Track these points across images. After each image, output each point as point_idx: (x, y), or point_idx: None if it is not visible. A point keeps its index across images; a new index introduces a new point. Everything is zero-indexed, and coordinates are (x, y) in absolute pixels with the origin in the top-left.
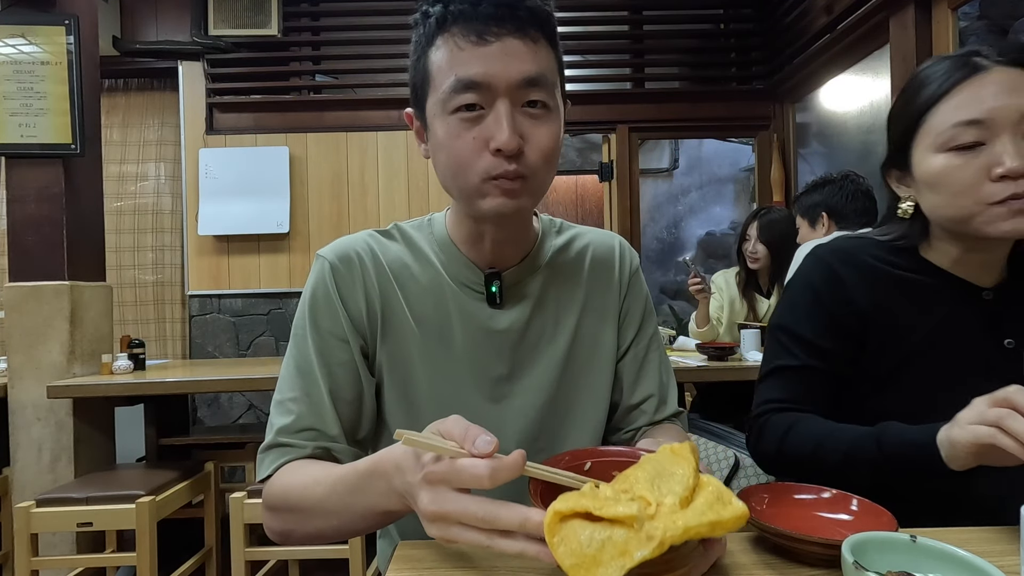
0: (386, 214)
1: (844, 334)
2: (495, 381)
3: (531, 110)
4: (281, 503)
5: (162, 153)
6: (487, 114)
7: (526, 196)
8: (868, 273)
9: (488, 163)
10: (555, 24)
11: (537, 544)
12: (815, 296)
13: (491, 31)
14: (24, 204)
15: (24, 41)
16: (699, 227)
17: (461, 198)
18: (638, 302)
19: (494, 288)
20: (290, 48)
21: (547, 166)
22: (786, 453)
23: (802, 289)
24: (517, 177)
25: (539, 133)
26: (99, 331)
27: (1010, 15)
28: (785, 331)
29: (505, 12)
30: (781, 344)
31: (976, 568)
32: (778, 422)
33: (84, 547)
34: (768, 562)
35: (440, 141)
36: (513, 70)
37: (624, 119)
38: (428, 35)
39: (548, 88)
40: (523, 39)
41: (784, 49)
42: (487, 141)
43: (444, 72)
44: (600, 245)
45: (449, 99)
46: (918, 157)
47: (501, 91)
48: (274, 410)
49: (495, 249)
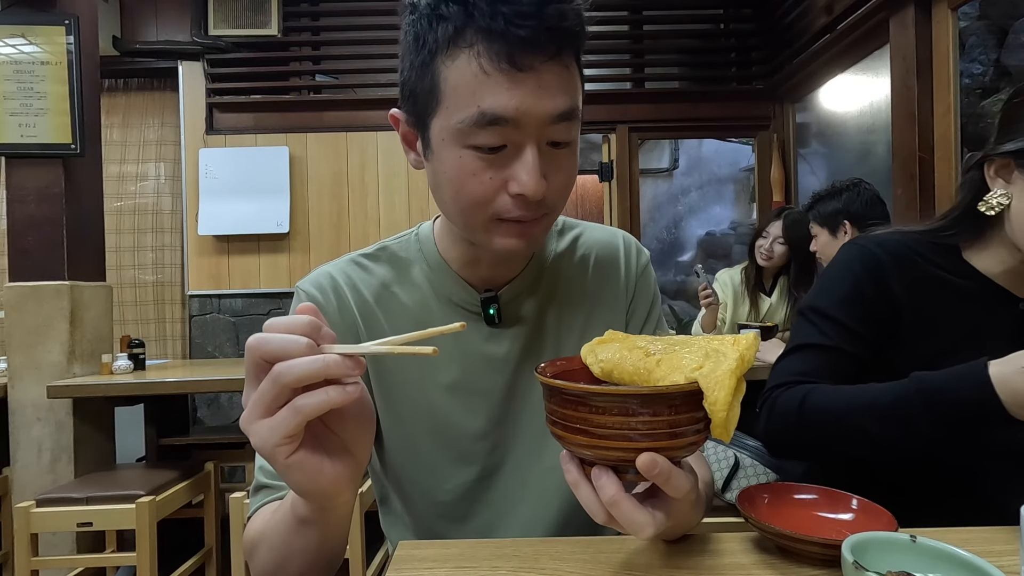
0: (386, 214)
1: (878, 322)
2: (494, 402)
3: (555, 147)
4: (250, 546)
5: (162, 153)
6: (510, 153)
7: (543, 234)
8: (910, 268)
9: (504, 205)
10: (585, 36)
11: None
12: (855, 281)
13: (525, 59)
14: (24, 204)
15: (24, 41)
16: (699, 227)
17: (466, 232)
18: (644, 302)
19: (492, 311)
20: (290, 48)
21: (565, 199)
22: (807, 421)
23: (842, 274)
24: (535, 219)
25: (561, 171)
26: (99, 331)
27: (1010, 15)
28: (818, 312)
29: (543, 37)
30: (812, 323)
31: (976, 568)
32: (793, 392)
33: (84, 547)
34: (768, 562)
35: (447, 172)
36: (547, 106)
37: (624, 119)
38: (441, 40)
39: (575, 120)
40: (558, 69)
41: (784, 49)
42: (506, 182)
43: (463, 97)
44: (604, 247)
45: (469, 132)
46: None
47: (531, 130)
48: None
49: (490, 266)
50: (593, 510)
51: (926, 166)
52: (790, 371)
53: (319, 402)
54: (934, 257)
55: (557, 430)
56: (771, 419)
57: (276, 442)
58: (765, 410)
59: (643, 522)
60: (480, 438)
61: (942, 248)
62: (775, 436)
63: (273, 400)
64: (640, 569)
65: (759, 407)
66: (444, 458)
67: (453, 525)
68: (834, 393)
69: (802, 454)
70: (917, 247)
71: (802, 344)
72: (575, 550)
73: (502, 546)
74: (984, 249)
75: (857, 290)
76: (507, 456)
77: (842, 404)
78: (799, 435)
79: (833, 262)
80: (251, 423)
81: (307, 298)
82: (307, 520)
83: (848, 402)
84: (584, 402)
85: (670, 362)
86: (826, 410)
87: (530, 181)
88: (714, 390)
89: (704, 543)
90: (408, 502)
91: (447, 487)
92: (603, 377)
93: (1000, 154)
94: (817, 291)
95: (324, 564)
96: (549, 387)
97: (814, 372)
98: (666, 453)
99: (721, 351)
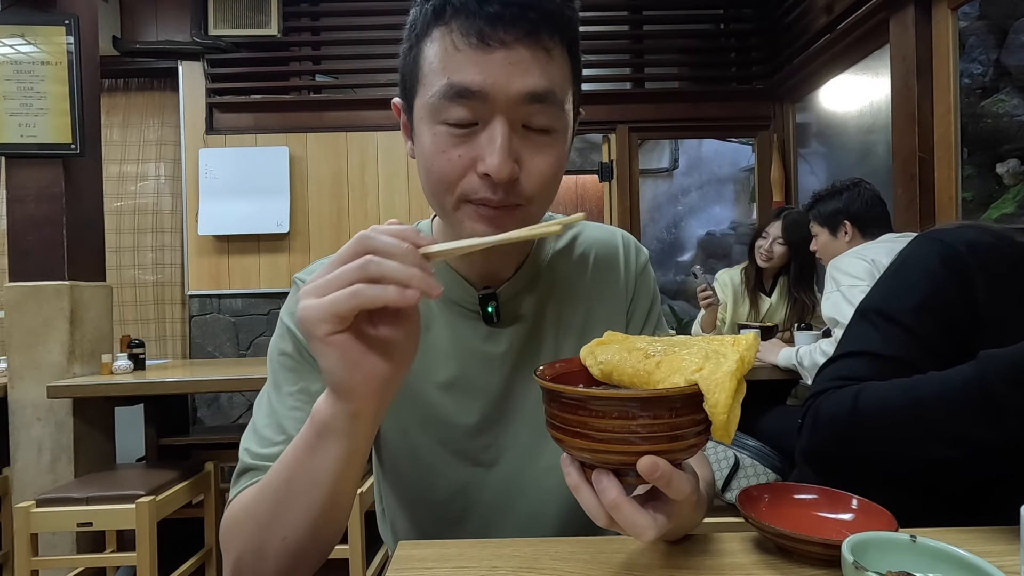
0: (386, 214)
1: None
2: (489, 400)
3: (532, 132)
4: (230, 523)
5: (162, 153)
6: (480, 131)
7: (515, 225)
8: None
9: (470, 184)
10: (576, 28)
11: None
12: (935, 286)
13: (495, 34)
14: (24, 204)
15: (24, 41)
16: (699, 227)
17: (441, 216)
18: (644, 302)
19: (490, 309)
20: (290, 48)
21: (546, 193)
22: (861, 423)
23: (920, 276)
24: (505, 206)
25: (539, 158)
26: (99, 331)
27: (1010, 15)
28: (883, 315)
29: (515, 13)
30: (873, 326)
31: (976, 568)
32: (841, 393)
33: (84, 547)
34: (768, 562)
35: (423, 151)
36: (516, 83)
37: (624, 119)
38: (424, 22)
39: (555, 106)
40: (533, 48)
41: (784, 49)
42: (475, 161)
43: (436, 72)
44: (603, 246)
45: (439, 106)
46: None
47: (499, 106)
48: (246, 435)
49: (487, 262)
50: (594, 513)
51: (926, 166)
52: (836, 376)
53: (376, 294)
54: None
55: (557, 434)
56: (816, 428)
57: (322, 317)
58: (809, 420)
59: (645, 525)
60: (476, 436)
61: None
62: (822, 448)
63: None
64: (640, 569)
65: (800, 419)
66: (440, 455)
67: (449, 524)
68: (891, 388)
69: (856, 466)
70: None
71: (857, 350)
72: (575, 550)
73: (502, 546)
74: None
75: (937, 295)
76: (503, 454)
77: (904, 398)
78: (853, 442)
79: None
80: (308, 296)
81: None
82: (329, 428)
83: (911, 394)
84: (584, 406)
85: (670, 364)
86: (884, 408)
87: (496, 159)
88: (714, 392)
89: (704, 543)
90: (405, 502)
91: (443, 484)
92: (603, 379)
93: None
94: (884, 291)
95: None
96: (548, 391)
97: (866, 378)
98: (667, 456)
99: (721, 352)
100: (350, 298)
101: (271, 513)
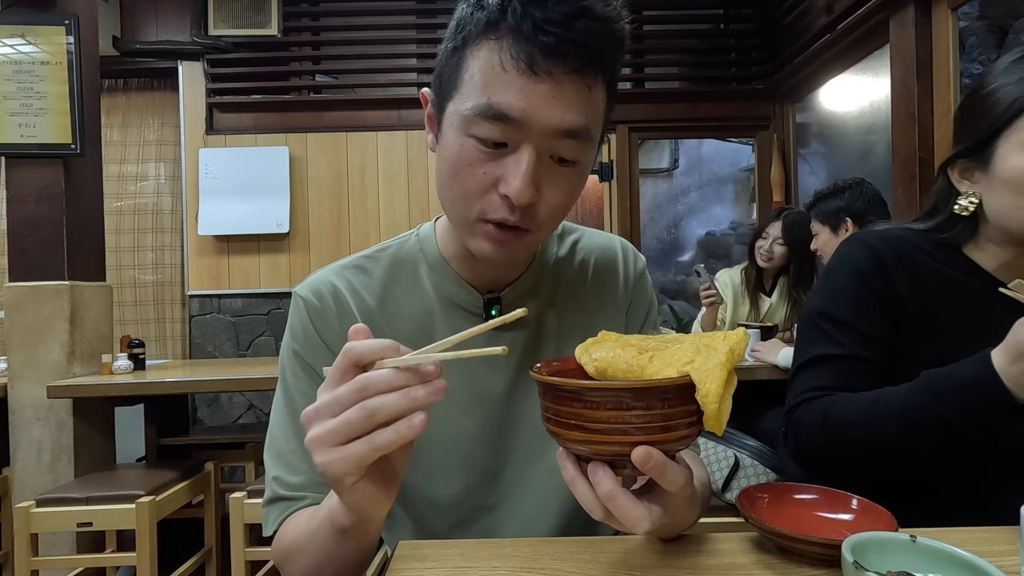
0: (386, 214)
1: (890, 321)
2: (494, 406)
3: (557, 162)
4: (283, 556)
5: (162, 153)
6: (508, 153)
7: (523, 250)
8: (912, 264)
9: (489, 203)
10: (619, 65)
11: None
12: (862, 280)
13: (546, 64)
14: (24, 204)
15: (24, 41)
16: (699, 227)
17: (455, 225)
18: (641, 307)
19: (494, 313)
20: (290, 48)
21: (555, 221)
22: (833, 433)
23: (848, 274)
24: (516, 228)
25: (558, 189)
26: (99, 331)
27: (1010, 15)
28: (828, 318)
29: (569, 48)
30: (823, 332)
31: (976, 568)
32: (815, 405)
33: (84, 547)
34: (768, 562)
35: (448, 158)
36: (555, 117)
37: (624, 119)
38: (476, 30)
39: (587, 142)
40: (578, 84)
41: (784, 49)
42: (498, 181)
43: (476, 86)
44: (603, 252)
45: (472, 120)
46: (1006, 152)
47: (533, 135)
48: (270, 459)
49: (491, 268)
50: (590, 506)
51: (926, 166)
52: (809, 386)
53: (391, 439)
54: (936, 253)
55: (553, 427)
56: (797, 438)
57: (348, 470)
58: (790, 431)
59: (639, 516)
60: (480, 441)
61: (943, 245)
62: (804, 449)
63: (360, 430)
64: (639, 569)
65: (784, 428)
66: (444, 462)
67: (455, 529)
68: (854, 401)
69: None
70: (919, 242)
71: (818, 356)
72: (575, 550)
73: (502, 546)
74: (978, 247)
75: (866, 288)
76: (508, 459)
77: (862, 413)
78: (829, 449)
79: (835, 259)
80: (324, 448)
81: (305, 306)
82: (348, 531)
83: (867, 409)
84: (578, 397)
85: (662, 358)
86: (848, 421)
87: (518, 184)
88: (705, 382)
89: (704, 543)
90: (409, 507)
91: (448, 491)
92: (597, 376)
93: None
94: (825, 294)
95: (360, 563)
96: (544, 384)
97: (835, 385)
98: (660, 446)
99: (712, 346)
100: (371, 452)
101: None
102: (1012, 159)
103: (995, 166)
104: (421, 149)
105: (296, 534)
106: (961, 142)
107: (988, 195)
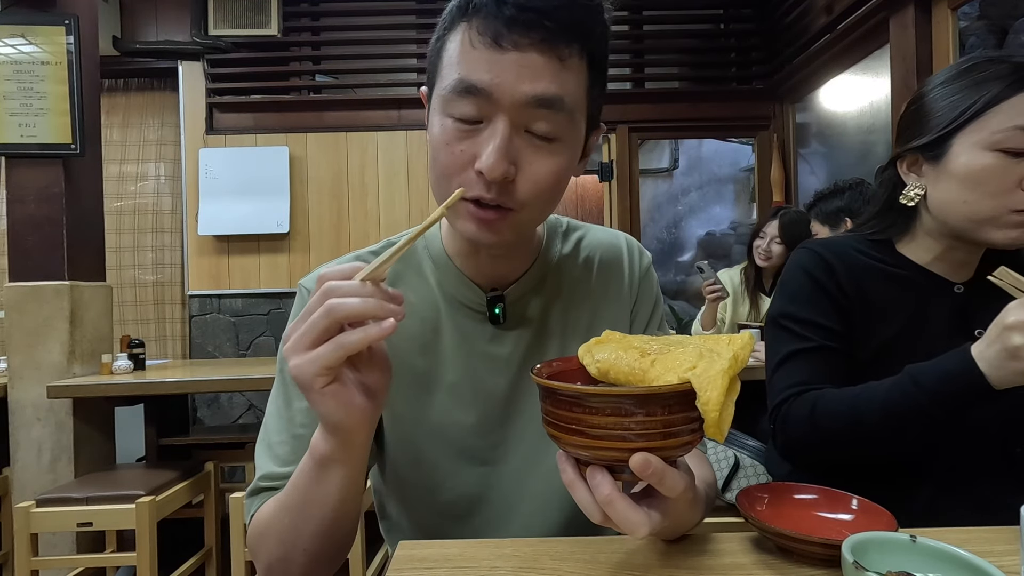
0: (386, 214)
1: (842, 314)
2: (496, 401)
3: (536, 137)
4: (258, 534)
5: (162, 153)
6: (483, 129)
7: (509, 231)
8: (852, 263)
9: (466, 180)
10: (602, 41)
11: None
12: (814, 282)
13: (510, 37)
14: (24, 204)
15: (24, 41)
16: (699, 227)
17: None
18: (647, 305)
19: (497, 310)
20: (290, 48)
21: (542, 201)
22: (820, 428)
23: (801, 279)
24: (496, 207)
25: (538, 164)
26: (99, 331)
27: (1010, 15)
28: (792, 318)
29: (531, 18)
30: (790, 331)
31: (976, 568)
32: (801, 402)
33: (84, 547)
34: (768, 562)
35: (432, 140)
36: (524, 86)
37: (624, 119)
38: (451, 17)
39: (564, 114)
40: (547, 54)
41: (784, 49)
42: (474, 158)
43: (452, 66)
44: (608, 249)
45: (449, 99)
46: (961, 149)
47: (504, 106)
48: (261, 450)
49: (495, 265)
50: (589, 510)
51: None
52: (790, 382)
53: (360, 338)
54: (872, 252)
55: (552, 431)
56: (786, 430)
57: (317, 372)
58: (779, 427)
59: (638, 521)
60: (481, 437)
61: (877, 244)
62: (792, 445)
63: (322, 333)
64: (640, 569)
65: (771, 424)
66: (445, 457)
67: (454, 524)
68: (840, 396)
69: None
70: (856, 244)
71: (790, 353)
72: (575, 550)
73: (502, 546)
74: (913, 241)
75: (819, 289)
76: (509, 456)
77: (848, 406)
78: (817, 444)
79: (787, 269)
80: (295, 353)
81: (310, 296)
82: (329, 459)
83: (853, 403)
84: (579, 403)
85: (665, 362)
86: (835, 415)
87: (489, 157)
88: (707, 390)
89: (704, 543)
90: (409, 503)
91: (448, 486)
92: (599, 377)
93: (909, 151)
94: (784, 299)
95: (339, 529)
96: (544, 388)
97: (812, 377)
98: (661, 453)
99: (716, 351)
100: (336, 349)
101: (291, 530)
102: (964, 157)
103: (948, 161)
104: (421, 149)
105: (271, 506)
106: (915, 137)
107: (934, 188)
